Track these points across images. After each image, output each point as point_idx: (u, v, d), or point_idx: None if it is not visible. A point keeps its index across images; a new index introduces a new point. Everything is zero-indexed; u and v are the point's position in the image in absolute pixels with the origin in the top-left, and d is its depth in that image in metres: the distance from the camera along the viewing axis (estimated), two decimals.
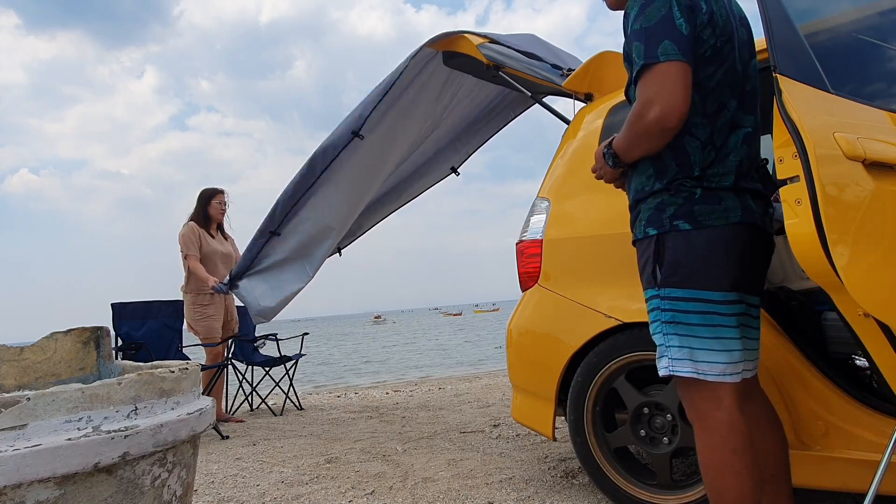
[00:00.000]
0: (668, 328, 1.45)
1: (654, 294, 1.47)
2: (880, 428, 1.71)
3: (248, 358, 5.11)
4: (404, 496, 2.51)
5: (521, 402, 2.51)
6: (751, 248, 1.44)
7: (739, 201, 1.42)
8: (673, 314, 1.43)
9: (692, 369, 1.41)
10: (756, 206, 1.46)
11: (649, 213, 1.48)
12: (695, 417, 1.44)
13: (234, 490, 2.74)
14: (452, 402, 5.15)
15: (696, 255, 1.41)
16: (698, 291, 1.41)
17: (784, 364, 1.87)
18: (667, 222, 1.44)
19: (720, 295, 1.40)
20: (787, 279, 2.00)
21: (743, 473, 1.35)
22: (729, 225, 1.40)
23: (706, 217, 1.41)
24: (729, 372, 1.40)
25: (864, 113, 1.40)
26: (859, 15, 1.69)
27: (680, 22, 1.36)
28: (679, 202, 1.43)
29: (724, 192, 1.42)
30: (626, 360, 2.13)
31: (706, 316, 1.41)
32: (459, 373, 10.26)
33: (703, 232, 1.40)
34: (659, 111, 1.34)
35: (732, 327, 1.41)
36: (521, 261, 2.52)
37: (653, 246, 1.47)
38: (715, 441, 1.38)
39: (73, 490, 0.93)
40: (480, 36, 3.07)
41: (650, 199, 1.49)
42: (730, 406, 1.39)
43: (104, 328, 1.52)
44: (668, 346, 1.45)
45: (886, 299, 1.21)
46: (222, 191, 4.73)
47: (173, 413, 1.08)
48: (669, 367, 1.44)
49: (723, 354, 1.40)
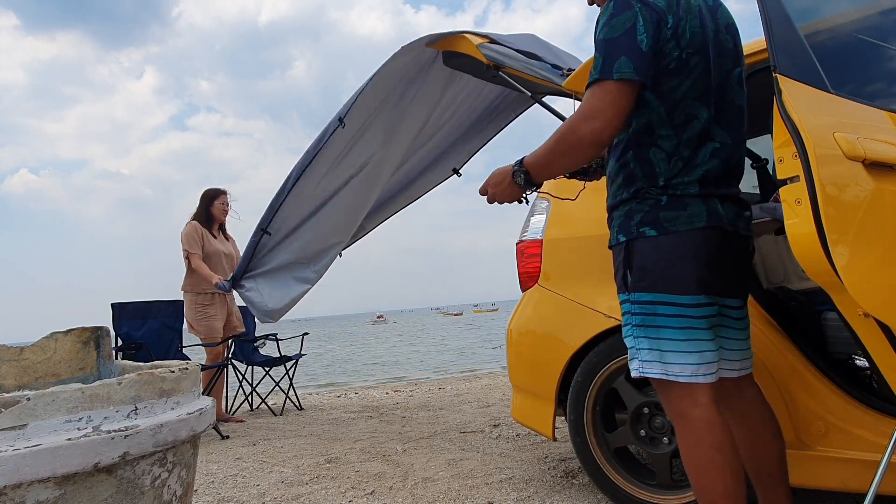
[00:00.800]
0: (638, 331, 1.48)
1: (625, 298, 1.51)
2: (880, 428, 1.71)
3: (249, 358, 5.11)
4: (404, 496, 2.51)
5: (521, 402, 2.51)
6: (718, 252, 1.44)
7: (706, 206, 1.43)
8: (643, 317, 1.46)
9: (661, 371, 1.44)
10: (725, 210, 1.46)
11: (620, 221, 1.52)
12: (673, 417, 1.47)
13: (234, 490, 2.74)
14: (452, 402, 5.15)
15: (663, 260, 1.43)
16: (666, 295, 1.43)
17: (784, 364, 1.87)
18: (634, 229, 1.47)
19: (688, 298, 1.42)
20: (787, 279, 2.00)
21: (725, 469, 1.36)
22: (694, 230, 1.42)
23: (671, 223, 1.43)
24: (702, 373, 1.41)
25: (864, 113, 1.40)
26: (859, 15, 1.69)
27: (642, 38, 1.36)
28: (645, 209, 1.46)
29: (689, 199, 1.43)
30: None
31: (675, 319, 1.43)
32: (459, 373, 10.27)
33: (669, 237, 1.43)
34: (598, 126, 1.37)
35: (703, 329, 1.43)
36: (521, 261, 2.52)
37: (623, 252, 1.50)
38: (694, 439, 1.40)
39: (73, 490, 0.93)
40: (480, 36, 3.07)
41: (620, 206, 1.52)
42: (706, 404, 1.41)
43: (104, 328, 1.52)
44: (638, 348, 1.48)
45: (886, 299, 1.21)
46: (225, 191, 4.74)
47: (173, 413, 1.08)
48: (640, 368, 1.47)
49: (693, 356, 1.42)
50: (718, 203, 1.45)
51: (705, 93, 1.45)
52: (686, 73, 1.42)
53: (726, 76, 1.49)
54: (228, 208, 4.73)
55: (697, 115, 1.45)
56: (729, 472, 1.36)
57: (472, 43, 2.98)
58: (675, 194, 1.44)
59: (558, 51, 3.32)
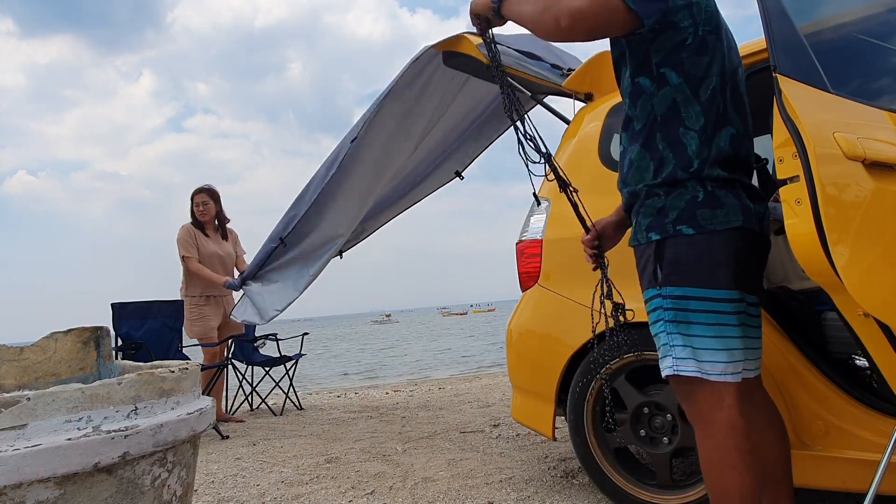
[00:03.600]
0: (671, 327, 1.43)
1: (656, 293, 1.46)
2: (880, 428, 1.71)
3: (248, 358, 5.11)
4: (404, 496, 2.51)
5: (521, 402, 2.51)
6: (748, 249, 1.44)
7: (739, 202, 1.42)
8: (675, 313, 1.42)
9: (696, 368, 1.40)
10: (755, 208, 1.45)
11: (650, 220, 1.47)
12: (696, 418, 1.43)
13: (234, 490, 2.74)
14: (452, 402, 5.15)
15: (697, 254, 1.41)
16: (700, 290, 1.40)
17: (784, 364, 1.87)
18: (670, 227, 1.43)
19: (723, 293, 1.39)
20: (787, 279, 1.99)
21: (745, 473, 1.34)
22: (730, 229, 1.40)
23: (708, 221, 1.40)
24: (730, 371, 1.39)
25: (864, 113, 1.40)
26: (859, 15, 1.69)
27: None
28: (681, 206, 1.42)
29: (722, 193, 1.41)
30: (625, 360, 2.13)
31: (707, 314, 1.40)
32: (460, 373, 10.26)
33: (705, 235, 1.40)
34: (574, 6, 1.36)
35: (734, 326, 1.41)
36: (521, 261, 2.52)
37: (653, 248, 1.46)
38: (717, 441, 1.37)
39: (73, 490, 0.93)
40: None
41: (649, 199, 1.47)
42: (731, 406, 1.38)
43: (104, 328, 1.52)
44: (672, 345, 1.43)
45: (886, 299, 1.21)
46: (200, 189, 4.61)
47: (173, 413, 1.08)
48: (674, 366, 1.43)
49: (723, 353, 1.39)
50: (745, 196, 1.44)
51: (722, 73, 1.44)
52: (705, 50, 1.41)
53: (734, 69, 1.49)
54: (204, 208, 4.56)
55: (721, 92, 1.44)
56: (749, 478, 1.34)
57: (472, 43, 2.98)
58: (709, 187, 1.41)
59: (558, 51, 3.32)
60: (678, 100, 1.43)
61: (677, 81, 1.42)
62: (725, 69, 1.45)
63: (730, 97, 1.46)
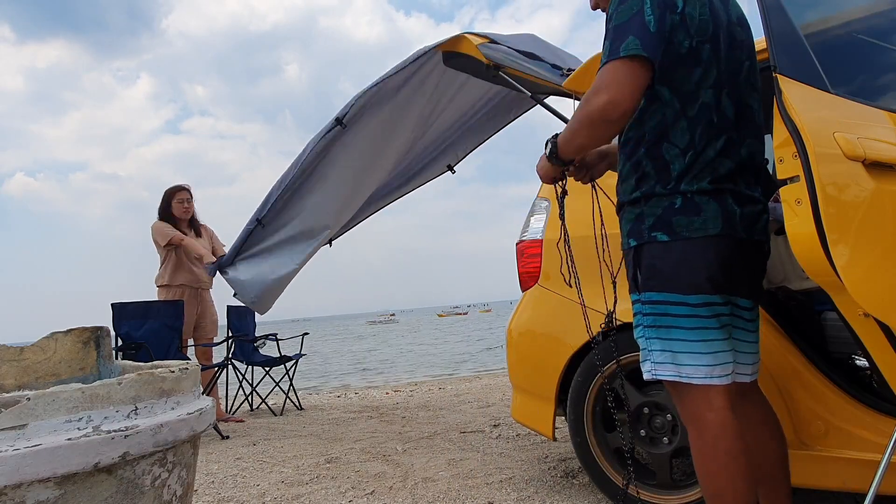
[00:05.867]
0: (649, 332, 1.45)
1: (636, 298, 1.49)
2: (880, 428, 1.71)
3: (248, 358, 5.11)
4: (404, 496, 2.51)
5: (521, 402, 2.51)
6: (730, 255, 1.41)
7: (721, 208, 1.39)
8: (654, 318, 1.44)
9: (675, 372, 1.41)
10: (742, 211, 1.42)
11: (630, 225, 1.49)
12: (687, 419, 1.44)
13: (234, 490, 2.74)
14: (452, 402, 5.15)
15: (674, 260, 1.41)
16: (676, 295, 1.41)
17: (784, 364, 1.87)
18: (646, 233, 1.44)
19: (697, 298, 1.39)
20: (787, 279, 1.99)
21: (737, 475, 1.34)
22: (708, 237, 1.39)
23: (684, 229, 1.40)
24: (716, 374, 1.39)
25: (864, 113, 1.40)
26: (859, 15, 1.69)
27: (649, 18, 1.35)
28: (658, 213, 1.43)
29: (703, 200, 1.39)
30: (625, 360, 2.12)
31: (687, 319, 1.40)
32: (461, 373, 10.26)
33: (680, 242, 1.40)
34: (605, 99, 1.33)
35: (715, 329, 1.40)
36: (521, 261, 2.52)
37: (633, 254, 1.49)
38: (708, 443, 1.37)
39: (73, 490, 0.93)
40: (480, 36, 3.07)
41: (629, 207, 1.50)
42: (721, 407, 1.38)
43: (104, 328, 1.52)
44: (650, 349, 1.46)
45: (886, 299, 1.21)
46: (181, 187, 4.59)
47: (173, 413, 1.08)
48: (653, 370, 1.45)
49: (707, 357, 1.39)
50: (733, 201, 1.41)
51: (718, 83, 1.42)
52: (697, 61, 1.40)
53: (738, 67, 1.47)
54: (188, 205, 4.55)
55: (711, 105, 1.42)
56: (741, 480, 1.34)
57: (472, 43, 2.98)
58: (688, 195, 1.40)
59: (558, 51, 3.32)
60: (667, 115, 1.43)
61: (668, 97, 1.42)
62: (722, 76, 1.43)
63: (727, 104, 1.44)
